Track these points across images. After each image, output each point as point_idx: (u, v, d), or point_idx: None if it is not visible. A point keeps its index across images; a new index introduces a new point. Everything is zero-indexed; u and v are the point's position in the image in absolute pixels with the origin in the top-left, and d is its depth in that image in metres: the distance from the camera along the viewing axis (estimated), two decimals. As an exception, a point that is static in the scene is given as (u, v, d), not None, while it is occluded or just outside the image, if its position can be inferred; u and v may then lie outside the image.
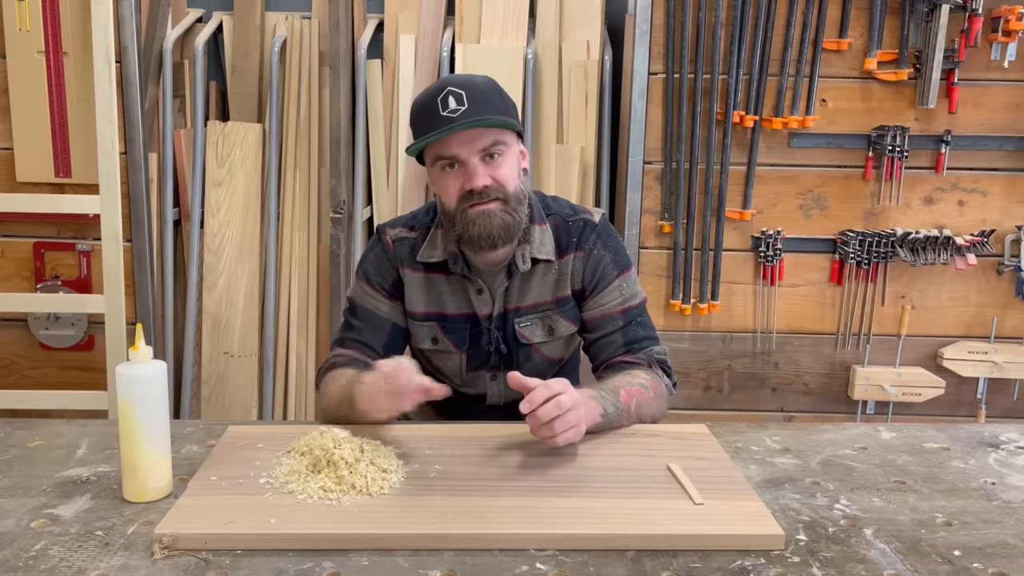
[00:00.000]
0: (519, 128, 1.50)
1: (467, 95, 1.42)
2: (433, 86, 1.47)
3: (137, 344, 1.19)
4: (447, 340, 1.61)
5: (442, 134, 1.42)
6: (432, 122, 1.43)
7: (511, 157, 1.49)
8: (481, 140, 1.44)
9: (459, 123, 1.40)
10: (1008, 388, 2.68)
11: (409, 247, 1.59)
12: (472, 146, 1.44)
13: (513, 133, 1.49)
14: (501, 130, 1.45)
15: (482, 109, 1.42)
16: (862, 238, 2.54)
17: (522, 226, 1.51)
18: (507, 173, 1.47)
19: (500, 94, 1.49)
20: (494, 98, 1.46)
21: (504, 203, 1.46)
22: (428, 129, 1.44)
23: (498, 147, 1.45)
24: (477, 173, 1.44)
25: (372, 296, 1.61)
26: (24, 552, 1.07)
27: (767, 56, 2.47)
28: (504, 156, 1.47)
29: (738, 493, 1.22)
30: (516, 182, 1.49)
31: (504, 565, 1.06)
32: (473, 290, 1.57)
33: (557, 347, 1.63)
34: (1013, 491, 1.29)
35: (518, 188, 1.49)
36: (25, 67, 2.48)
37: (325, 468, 1.23)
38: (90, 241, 2.62)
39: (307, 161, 2.70)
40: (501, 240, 1.48)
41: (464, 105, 1.41)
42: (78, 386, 2.67)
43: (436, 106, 1.43)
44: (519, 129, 1.51)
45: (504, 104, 1.48)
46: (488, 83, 1.49)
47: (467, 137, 1.43)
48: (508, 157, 1.48)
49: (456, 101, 1.42)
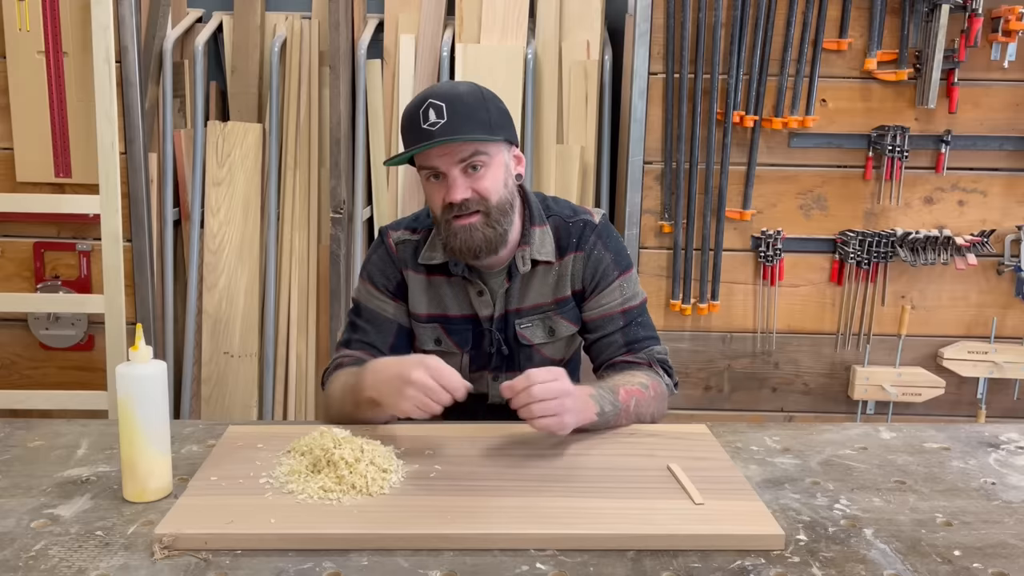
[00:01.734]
0: (504, 138, 1.48)
1: (447, 108, 1.41)
2: (417, 96, 1.46)
3: (137, 344, 1.19)
4: (450, 341, 1.61)
5: (419, 149, 1.42)
6: (414, 135, 1.44)
7: (495, 167, 1.47)
8: (460, 152, 1.43)
9: (436, 139, 1.40)
10: (1008, 388, 2.68)
11: (412, 249, 1.60)
12: (451, 158, 1.43)
13: (499, 143, 1.47)
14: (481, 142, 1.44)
15: (462, 122, 1.41)
16: (862, 238, 2.54)
17: (507, 238, 1.50)
18: (489, 185, 1.45)
19: (484, 104, 1.46)
20: (477, 110, 1.44)
21: (486, 215, 1.46)
22: (410, 141, 1.45)
23: (479, 158, 1.44)
24: (456, 186, 1.44)
25: (377, 297, 1.61)
26: (24, 552, 1.07)
27: (767, 56, 2.47)
28: (487, 167, 1.45)
29: (738, 493, 1.22)
30: (500, 192, 1.47)
31: (504, 565, 1.06)
32: (474, 292, 1.58)
33: (558, 348, 1.64)
34: (1013, 491, 1.29)
35: (502, 198, 1.47)
36: (25, 67, 2.48)
37: (325, 468, 1.23)
38: (90, 241, 2.62)
39: (307, 161, 2.70)
40: (483, 252, 1.48)
41: (443, 119, 1.41)
42: (78, 386, 2.67)
43: (418, 118, 1.43)
44: (507, 138, 1.49)
45: (488, 114, 1.45)
46: (472, 92, 1.47)
47: (446, 149, 1.43)
48: (491, 168, 1.46)
49: (436, 114, 1.41)
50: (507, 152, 1.51)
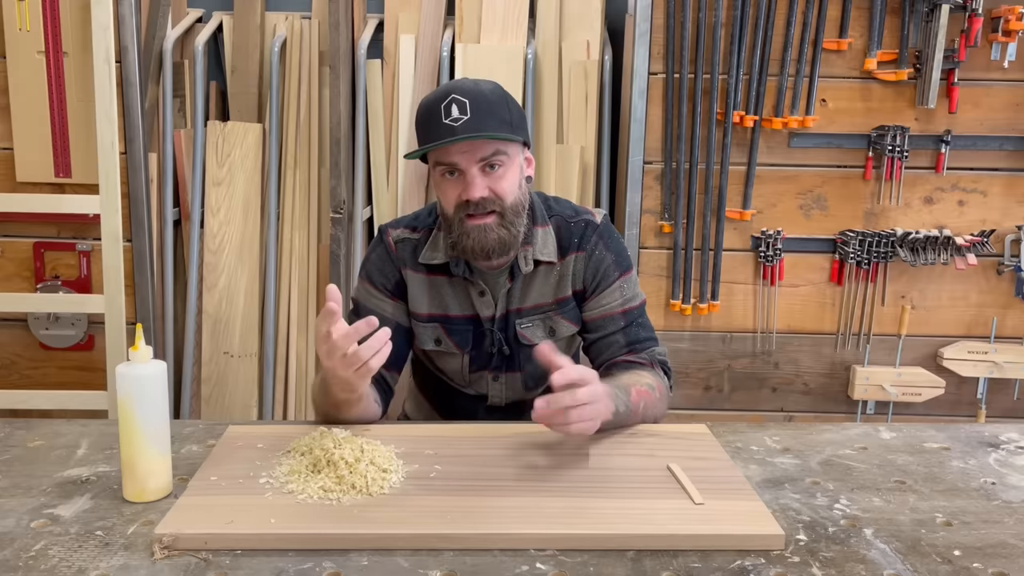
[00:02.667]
0: (523, 138, 1.48)
1: (471, 104, 1.41)
2: (439, 91, 1.45)
3: (137, 344, 1.19)
4: (450, 341, 1.61)
5: (441, 144, 1.41)
6: (435, 130, 1.42)
7: (512, 168, 1.47)
8: (481, 150, 1.42)
9: (459, 136, 1.39)
10: (1008, 388, 2.68)
11: (411, 248, 1.59)
12: (472, 155, 1.42)
13: (517, 144, 1.47)
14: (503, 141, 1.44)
15: (486, 120, 1.41)
16: (862, 238, 2.54)
17: (519, 239, 1.50)
18: (506, 186, 1.45)
19: (507, 104, 1.46)
20: (500, 109, 1.44)
21: (501, 216, 1.45)
22: (430, 136, 1.43)
23: (499, 157, 1.44)
24: (475, 184, 1.43)
25: (376, 296, 1.60)
26: (24, 552, 1.07)
27: (767, 56, 2.47)
28: (505, 167, 1.45)
29: (738, 493, 1.22)
30: (516, 194, 1.47)
31: (504, 565, 1.06)
32: (475, 292, 1.57)
33: (559, 348, 1.63)
34: (1013, 491, 1.29)
35: (517, 200, 1.47)
36: (25, 67, 2.48)
37: (325, 468, 1.23)
38: (90, 241, 2.62)
39: (307, 161, 2.70)
40: (496, 253, 1.47)
41: (467, 115, 1.40)
42: (78, 386, 2.67)
43: (439, 113, 1.41)
44: (524, 140, 1.49)
45: (510, 115, 1.46)
46: (495, 91, 1.46)
47: (467, 146, 1.41)
48: (509, 168, 1.46)
49: (459, 110, 1.40)
50: (522, 154, 1.51)
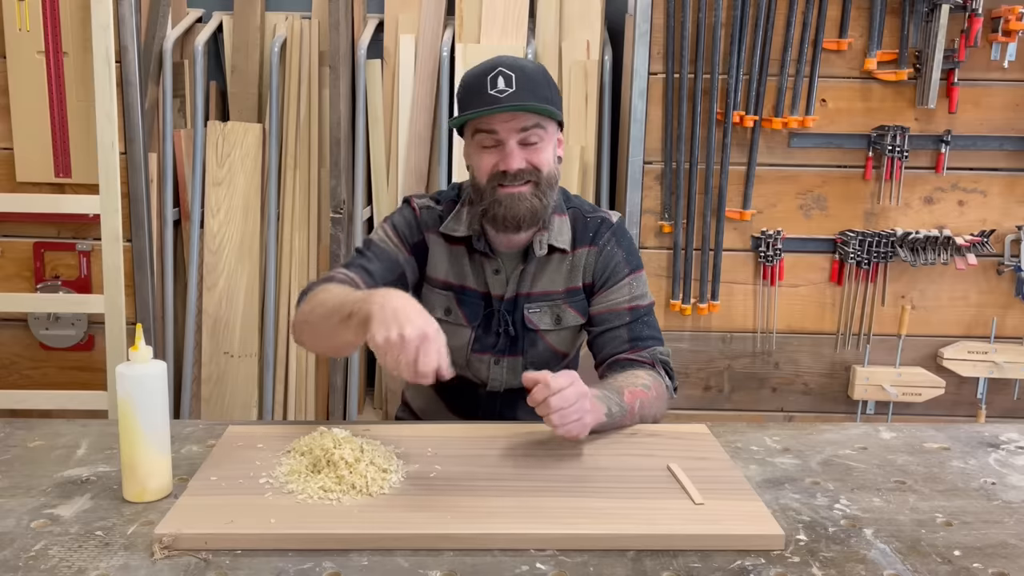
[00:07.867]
0: (561, 118, 1.53)
1: (516, 78, 1.45)
2: (485, 64, 1.50)
3: (137, 344, 1.19)
4: (460, 312, 1.62)
5: (486, 112, 1.45)
6: (479, 99, 1.46)
7: (549, 143, 1.51)
8: (524, 122, 1.47)
9: (504, 104, 1.43)
10: (1008, 388, 2.68)
11: (436, 216, 1.62)
12: (514, 126, 1.47)
13: (554, 122, 1.52)
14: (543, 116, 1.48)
15: (529, 94, 1.45)
16: (862, 238, 2.54)
17: (549, 211, 1.54)
18: (544, 158, 1.50)
19: (548, 82, 1.51)
20: (542, 86, 1.49)
21: (536, 186, 1.49)
22: (474, 104, 1.47)
23: (537, 131, 1.48)
24: (513, 155, 1.47)
25: (393, 241, 1.61)
26: (24, 552, 1.07)
27: (767, 56, 2.47)
28: (543, 141, 1.50)
29: (738, 493, 1.22)
30: (551, 167, 1.52)
31: (504, 565, 1.06)
32: (491, 269, 1.60)
33: (563, 338, 1.64)
34: (1013, 491, 1.29)
35: (552, 172, 1.52)
36: (25, 67, 2.48)
37: (325, 468, 1.23)
38: (90, 241, 2.62)
39: (307, 161, 2.70)
40: (526, 223, 1.51)
41: (512, 87, 1.44)
42: (78, 386, 2.67)
43: (485, 83, 1.46)
44: (561, 119, 1.53)
45: (551, 92, 1.51)
46: (538, 69, 1.52)
47: (511, 117, 1.46)
48: (547, 142, 1.50)
49: (505, 82, 1.45)
50: (557, 133, 1.55)
